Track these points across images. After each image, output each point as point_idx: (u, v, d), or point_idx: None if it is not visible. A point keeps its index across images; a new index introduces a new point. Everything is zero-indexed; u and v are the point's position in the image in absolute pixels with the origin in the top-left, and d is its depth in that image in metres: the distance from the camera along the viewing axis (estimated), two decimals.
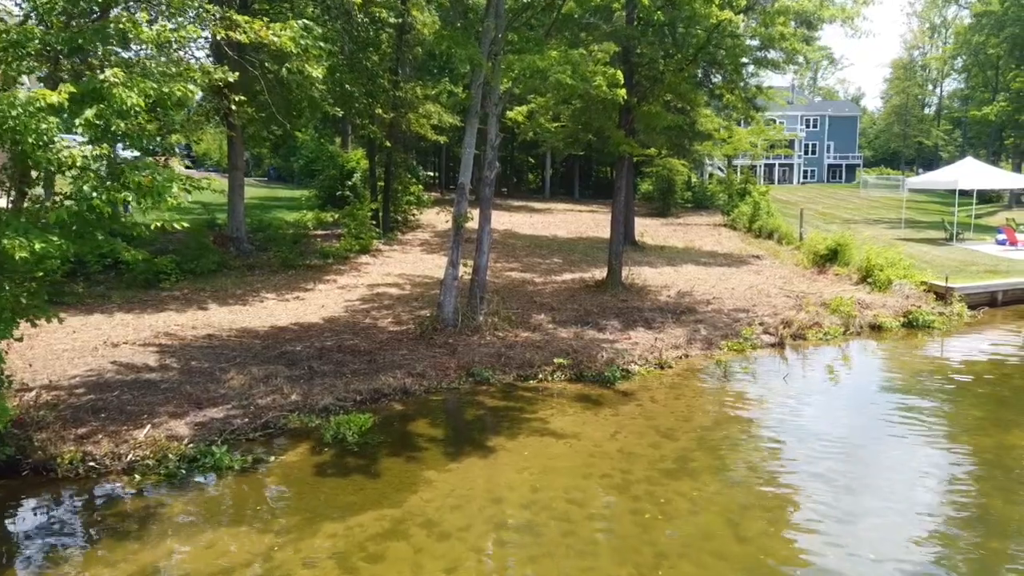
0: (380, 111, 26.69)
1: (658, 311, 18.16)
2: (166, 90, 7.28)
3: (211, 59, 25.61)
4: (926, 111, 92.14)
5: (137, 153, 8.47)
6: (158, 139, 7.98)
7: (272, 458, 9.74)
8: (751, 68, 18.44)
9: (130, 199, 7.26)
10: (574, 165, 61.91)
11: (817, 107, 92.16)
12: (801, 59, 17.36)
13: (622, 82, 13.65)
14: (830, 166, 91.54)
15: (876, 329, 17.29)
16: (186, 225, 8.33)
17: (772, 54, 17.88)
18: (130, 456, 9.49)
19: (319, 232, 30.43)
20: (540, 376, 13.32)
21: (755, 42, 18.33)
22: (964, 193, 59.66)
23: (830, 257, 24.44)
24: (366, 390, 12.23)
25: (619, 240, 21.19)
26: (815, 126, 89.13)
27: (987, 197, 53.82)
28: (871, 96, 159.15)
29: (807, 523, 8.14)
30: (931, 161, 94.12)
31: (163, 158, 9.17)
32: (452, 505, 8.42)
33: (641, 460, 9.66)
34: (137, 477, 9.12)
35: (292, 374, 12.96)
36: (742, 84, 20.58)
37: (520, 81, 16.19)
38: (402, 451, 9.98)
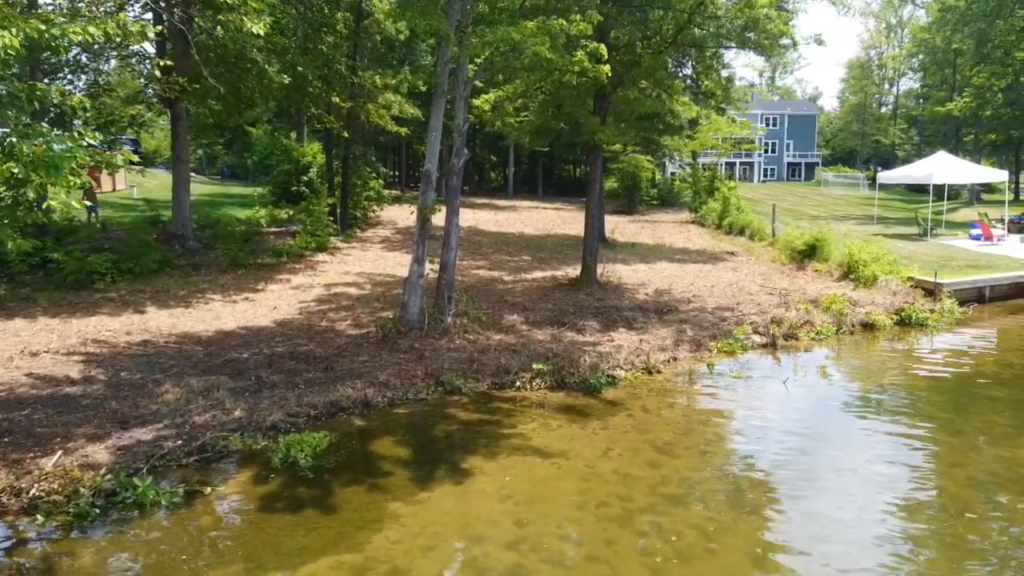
0: (337, 99, 25.09)
1: (638, 310, 16.96)
2: (56, 32, 5.73)
3: (154, 43, 23.83)
4: (883, 110, 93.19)
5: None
6: (54, 100, 6.39)
7: (208, 489, 8.21)
8: (733, 51, 17.29)
9: (16, 171, 5.71)
10: (538, 163, 60.84)
11: (776, 106, 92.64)
12: (787, 40, 16.30)
13: (605, 56, 12.39)
14: (789, 164, 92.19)
15: (868, 327, 16.31)
16: (85, 201, 6.75)
17: (754, 36, 16.74)
18: (33, 491, 7.88)
19: (273, 229, 28.68)
20: (518, 384, 11.96)
21: (736, 23, 17.19)
22: (919, 189, 60.30)
23: (808, 253, 23.62)
24: (321, 403, 10.74)
25: (594, 236, 19.97)
26: (774, 124, 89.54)
27: (947, 194, 54.08)
28: (827, 96, 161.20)
29: (847, 559, 6.93)
30: (887, 159, 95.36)
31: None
32: (424, 546, 7.02)
33: (641, 483, 8.37)
34: (40, 518, 7.50)
35: (237, 386, 11.41)
36: (719, 69, 19.50)
37: (488, 67, 14.86)
38: (363, 477, 8.54)
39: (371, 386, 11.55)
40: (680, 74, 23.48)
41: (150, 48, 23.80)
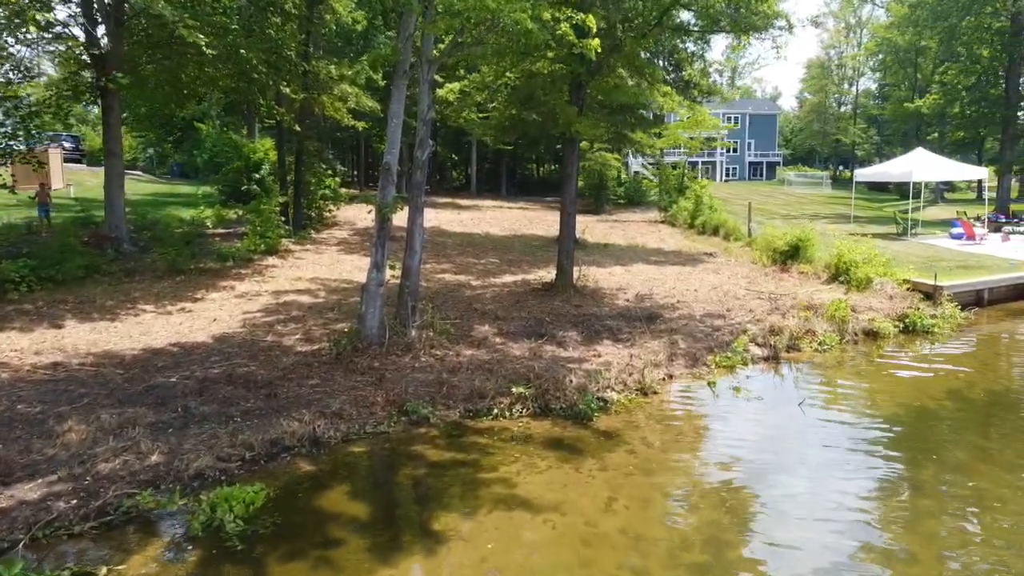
0: (287, 90, 23.07)
1: (621, 319, 15.39)
2: None
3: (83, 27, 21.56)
4: (842, 109, 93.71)
5: None
6: None
7: (103, 570, 6.34)
8: (723, 33, 15.80)
9: None
10: (501, 161, 59.22)
11: (738, 105, 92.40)
12: (783, 23, 14.91)
13: (594, 29, 10.78)
14: (751, 164, 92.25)
15: (871, 335, 14.98)
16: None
17: (744, 16, 15.27)
18: None
19: (220, 231, 26.54)
20: (495, 411, 10.25)
21: (725, 6, 15.71)
22: (881, 188, 60.13)
23: (791, 254, 22.39)
24: (260, 443, 8.88)
25: (570, 236, 18.38)
26: (736, 124, 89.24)
27: (918, 192, 53.78)
28: (786, 95, 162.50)
29: None
30: (847, 159, 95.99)
31: None
32: None
33: (658, 549, 6.72)
34: None
35: (158, 420, 9.49)
36: (704, 56, 18.08)
37: (455, 47, 13.14)
38: (308, 547, 6.73)
39: (322, 417, 9.74)
40: (657, 63, 21.97)
41: (80, 34, 21.58)
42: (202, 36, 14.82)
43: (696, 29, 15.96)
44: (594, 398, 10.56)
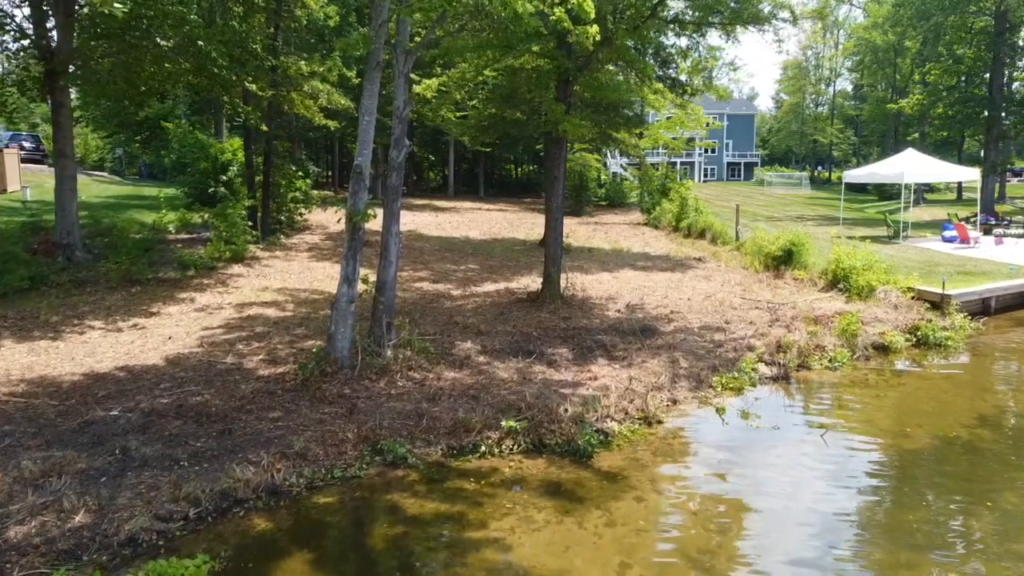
0: (254, 87, 21.64)
1: (615, 333, 14.24)
2: None
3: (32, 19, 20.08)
4: (819, 110, 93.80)
5: None
6: None
7: None
8: (720, 26, 14.70)
9: None
10: (479, 162, 58.00)
11: (715, 105, 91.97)
12: (787, 14, 13.89)
13: (592, 14, 9.63)
14: (729, 164, 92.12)
15: (882, 350, 13.98)
16: None
17: (742, 6, 14.22)
18: None
19: (183, 236, 25.01)
20: (482, 448, 9.02)
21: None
22: (858, 188, 59.72)
23: (784, 259, 21.44)
24: (208, 495, 7.57)
25: (558, 243, 17.22)
26: (717, 122, 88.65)
27: (889, 194, 53.48)
28: (763, 96, 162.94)
29: None
30: (823, 159, 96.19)
31: None
32: None
33: None
34: None
35: (90, 466, 8.14)
36: (697, 51, 17.03)
37: (432, 39, 11.94)
38: None
39: (283, 459, 8.46)
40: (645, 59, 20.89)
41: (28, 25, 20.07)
42: (119, 5, 13.32)
43: (691, 21, 14.81)
44: (593, 431, 9.38)
